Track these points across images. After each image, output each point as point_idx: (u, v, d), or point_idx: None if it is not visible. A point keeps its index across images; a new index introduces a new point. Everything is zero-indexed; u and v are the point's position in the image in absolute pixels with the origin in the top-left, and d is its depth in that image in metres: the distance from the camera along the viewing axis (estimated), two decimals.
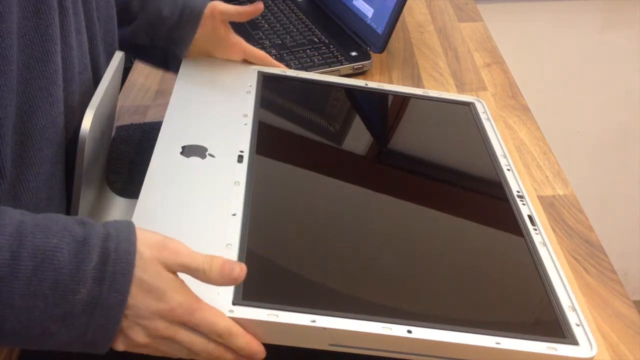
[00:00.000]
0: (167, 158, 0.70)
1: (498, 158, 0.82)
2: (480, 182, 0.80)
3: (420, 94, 0.94)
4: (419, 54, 1.16)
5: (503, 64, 1.15)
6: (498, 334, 0.59)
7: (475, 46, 1.20)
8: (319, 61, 1.07)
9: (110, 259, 0.51)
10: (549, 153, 0.93)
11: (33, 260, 0.49)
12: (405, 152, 0.85)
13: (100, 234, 0.52)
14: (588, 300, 0.72)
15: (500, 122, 0.99)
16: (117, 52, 0.74)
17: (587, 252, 0.78)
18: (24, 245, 0.49)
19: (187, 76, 0.85)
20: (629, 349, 0.67)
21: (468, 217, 0.74)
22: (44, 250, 0.50)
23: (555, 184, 0.88)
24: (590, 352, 0.59)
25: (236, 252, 0.61)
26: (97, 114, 0.65)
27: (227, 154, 0.72)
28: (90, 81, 0.70)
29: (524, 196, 0.77)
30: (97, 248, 0.51)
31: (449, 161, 0.84)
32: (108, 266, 0.51)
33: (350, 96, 0.94)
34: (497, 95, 1.06)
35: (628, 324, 0.70)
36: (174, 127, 0.75)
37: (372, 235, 0.70)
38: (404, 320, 0.58)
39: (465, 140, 0.86)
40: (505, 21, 1.59)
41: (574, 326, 0.61)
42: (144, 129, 0.93)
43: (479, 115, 0.91)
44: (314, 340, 0.57)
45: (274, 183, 0.74)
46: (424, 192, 0.78)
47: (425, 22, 1.27)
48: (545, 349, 0.58)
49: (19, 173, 0.60)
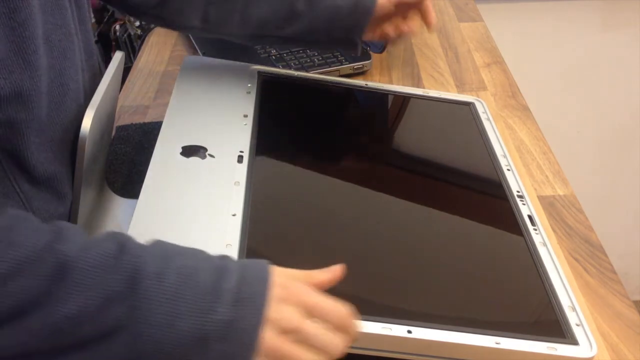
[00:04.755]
0: (167, 158, 0.70)
1: (498, 158, 0.82)
2: (480, 182, 0.80)
3: (420, 94, 0.94)
4: (419, 54, 1.16)
5: (503, 64, 1.15)
6: (498, 334, 0.59)
7: (475, 46, 1.20)
8: (319, 61, 1.07)
9: (246, 284, 0.50)
10: (549, 153, 0.93)
11: (178, 276, 0.49)
12: (405, 152, 0.85)
13: (237, 262, 0.52)
14: (588, 300, 0.72)
15: (500, 122, 0.99)
16: (117, 52, 0.74)
17: (587, 252, 0.78)
18: (170, 262, 0.50)
19: (187, 76, 0.85)
20: (629, 349, 0.67)
21: (468, 217, 0.74)
22: (195, 268, 0.50)
23: (555, 184, 0.88)
24: (590, 352, 0.59)
25: (236, 252, 0.61)
26: (97, 114, 0.65)
27: (227, 154, 0.72)
28: (97, 71, 0.71)
29: (524, 196, 0.77)
30: (234, 274, 0.51)
31: (449, 161, 0.83)
32: (244, 291, 0.50)
33: (350, 96, 0.94)
34: (497, 95, 1.06)
35: (628, 324, 0.70)
36: (174, 127, 0.75)
37: (372, 235, 0.70)
38: (404, 320, 0.58)
39: (465, 140, 0.86)
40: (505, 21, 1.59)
41: (574, 326, 0.61)
42: (144, 129, 0.93)
43: (479, 115, 0.91)
44: None
45: (274, 183, 0.74)
46: (424, 192, 0.78)
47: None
48: (545, 349, 0.58)
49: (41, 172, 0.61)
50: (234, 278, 0.50)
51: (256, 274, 0.52)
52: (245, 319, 0.49)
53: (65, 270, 0.47)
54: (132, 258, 0.49)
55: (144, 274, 0.48)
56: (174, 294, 0.48)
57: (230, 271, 0.51)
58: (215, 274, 0.50)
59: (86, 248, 0.49)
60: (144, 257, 0.50)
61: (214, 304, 0.49)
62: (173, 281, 0.49)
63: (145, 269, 0.49)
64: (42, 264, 0.47)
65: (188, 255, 0.52)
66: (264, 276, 0.51)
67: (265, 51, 1.10)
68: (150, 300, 0.48)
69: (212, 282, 0.50)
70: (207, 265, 0.51)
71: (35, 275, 0.47)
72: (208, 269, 0.51)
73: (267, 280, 0.51)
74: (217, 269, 0.51)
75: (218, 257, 0.53)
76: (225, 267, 0.51)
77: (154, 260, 0.50)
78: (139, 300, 0.48)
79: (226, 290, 0.49)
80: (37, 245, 0.48)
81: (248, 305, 0.49)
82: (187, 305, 0.48)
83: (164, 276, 0.49)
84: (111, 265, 0.48)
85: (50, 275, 0.47)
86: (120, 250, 0.50)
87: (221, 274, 0.50)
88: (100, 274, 0.48)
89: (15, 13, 0.53)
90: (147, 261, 0.49)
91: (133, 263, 0.49)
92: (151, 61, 1.14)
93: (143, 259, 0.49)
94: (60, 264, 0.47)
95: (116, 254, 0.49)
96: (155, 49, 1.18)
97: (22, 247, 0.47)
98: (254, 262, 0.53)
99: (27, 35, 0.55)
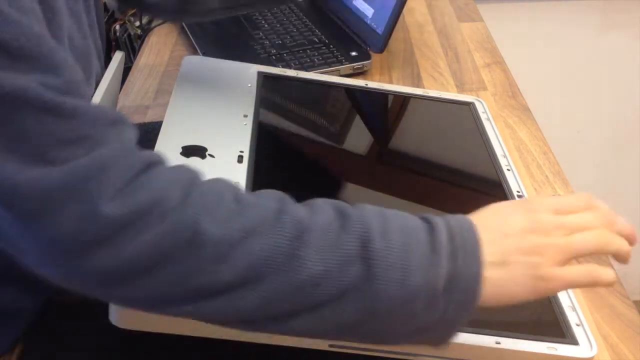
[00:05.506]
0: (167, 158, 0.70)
1: (498, 158, 0.82)
2: (480, 182, 0.80)
3: (420, 94, 0.94)
4: (419, 54, 1.16)
5: (503, 64, 1.15)
6: (498, 334, 0.59)
7: (475, 46, 1.20)
8: (319, 61, 1.07)
9: (455, 232, 0.51)
10: (549, 153, 0.93)
11: (400, 235, 0.50)
12: (405, 152, 0.85)
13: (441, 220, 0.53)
14: (588, 300, 0.72)
15: (500, 122, 0.99)
16: (117, 52, 0.74)
17: None
18: (389, 222, 0.51)
19: (187, 76, 0.85)
20: (629, 349, 0.67)
21: None
22: (410, 227, 0.51)
23: (555, 184, 0.88)
24: (590, 352, 0.59)
25: None
26: None
27: (227, 154, 0.72)
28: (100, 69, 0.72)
29: (524, 196, 0.77)
30: (442, 227, 0.52)
31: (449, 161, 0.83)
32: (456, 239, 0.51)
33: (350, 96, 0.94)
34: (497, 95, 1.06)
35: (628, 324, 0.70)
36: (174, 127, 0.75)
37: None
38: None
39: (465, 140, 0.86)
40: (505, 21, 1.59)
41: (574, 326, 0.61)
42: (144, 129, 0.93)
43: (479, 115, 0.91)
44: (315, 340, 0.57)
45: (274, 183, 0.74)
46: (425, 192, 0.78)
47: (425, 22, 1.27)
48: (545, 348, 0.58)
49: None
50: (443, 231, 0.51)
51: (460, 224, 0.53)
52: (465, 267, 0.50)
53: (303, 232, 0.49)
54: (358, 218, 0.50)
55: (374, 233, 0.49)
56: (402, 251, 0.49)
57: (438, 225, 0.52)
58: (427, 229, 0.51)
59: (311, 212, 0.51)
60: (367, 215, 0.51)
61: (435, 257, 0.50)
62: (398, 239, 0.50)
63: (373, 228, 0.50)
64: (283, 225, 0.49)
65: (397, 213, 0.53)
66: (467, 224, 0.52)
67: (265, 51, 1.10)
68: (383, 257, 0.49)
69: (428, 237, 0.51)
70: (416, 222, 0.52)
71: (277, 235, 0.48)
72: (419, 226, 0.52)
73: (472, 227, 0.52)
74: (426, 225, 0.52)
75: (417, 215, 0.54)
76: (431, 221, 0.52)
77: (376, 219, 0.51)
78: (373, 259, 0.48)
79: (441, 243, 0.50)
80: (272, 206, 0.50)
81: (464, 254, 0.50)
82: (416, 260, 0.49)
83: (389, 235, 0.50)
84: (341, 226, 0.50)
85: (291, 236, 0.48)
86: (339, 212, 0.51)
87: (431, 229, 0.52)
88: (332, 236, 0.49)
89: (51, 14, 0.53)
90: (372, 220, 0.50)
91: (360, 223, 0.50)
92: (151, 61, 1.14)
93: (367, 218, 0.50)
94: (297, 226, 0.49)
95: (337, 215, 0.50)
96: (155, 49, 1.18)
97: (260, 207, 0.49)
98: (455, 216, 0.54)
99: (61, 36, 0.55)
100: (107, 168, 0.46)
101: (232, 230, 0.47)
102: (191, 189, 0.49)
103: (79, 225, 0.45)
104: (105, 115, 0.49)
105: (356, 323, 0.49)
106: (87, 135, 0.47)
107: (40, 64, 0.46)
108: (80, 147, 0.46)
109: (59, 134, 0.46)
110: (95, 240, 0.45)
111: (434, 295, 0.49)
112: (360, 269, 0.48)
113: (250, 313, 0.49)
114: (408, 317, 0.49)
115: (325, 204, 0.52)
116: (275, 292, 0.48)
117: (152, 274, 0.46)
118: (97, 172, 0.46)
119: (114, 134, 0.49)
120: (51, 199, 0.45)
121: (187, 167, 0.51)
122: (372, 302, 0.48)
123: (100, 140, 0.47)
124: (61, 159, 0.45)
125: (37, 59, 0.46)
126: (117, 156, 0.47)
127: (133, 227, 0.46)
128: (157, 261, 0.46)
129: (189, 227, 0.47)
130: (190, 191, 0.48)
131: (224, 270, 0.47)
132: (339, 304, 0.48)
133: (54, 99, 0.45)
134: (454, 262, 0.50)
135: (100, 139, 0.47)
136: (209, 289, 0.47)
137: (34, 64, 0.46)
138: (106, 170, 0.46)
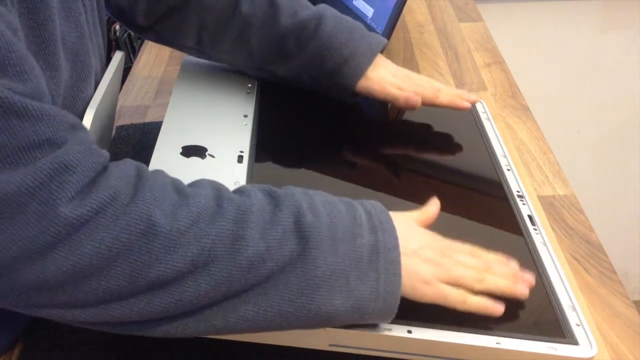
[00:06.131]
0: (167, 158, 0.70)
1: (498, 158, 0.82)
2: (480, 182, 0.80)
3: None
4: (419, 54, 1.16)
5: (503, 64, 1.15)
6: (498, 334, 0.59)
7: (475, 46, 1.20)
8: None
9: (372, 213, 0.57)
10: (549, 153, 0.93)
11: (325, 208, 0.55)
12: (405, 152, 0.85)
13: (355, 200, 0.58)
14: (588, 300, 0.72)
15: (500, 122, 0.99)
16: (117, 52, 0.74)
17: (587, 252, 0.78)
18: (314, 199, 0.56)
19: (187, 76, 0.85)
20: (629, 349, 0.67)
21: (468, 217, 0.74)
22: (330, 202, 0.56)
23: (555, 184, 0.88)
24: (590, 352, 0.59)
25: None
26: (97, 114, 0.65)
27: (227, 154, 0.72)
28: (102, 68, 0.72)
29: (524, 196, 0.77)
30: (359, 207, 0.57)
31: (449, 161, 0.84)
32: (374, 218, 0.56)
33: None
34: (497, 95, 1.06)
35: (628, 324, 0.70)
36: (174, 127, 0.75)
37: None
38: (404, 321, 0.58)
39: (465, 140, 0.86)
40: (505, 21, 1.59)
41: (574, 326, 0.61)
42: (144, 129, 0.93)
43: (479, 115, 0.91)
44: (314, 340, 0.57)
45: (274, 183, 0.73)
46: (424, 192, 0.78)
47: (425, 22, 1.27)
48: (545, 348, 0.58)
49: None
50: (360, 209, 0.57)
51: (375, 206, 0.58)
52: (385, 241, 0.55)
53: (244, 214, 0.52)
54: (287, 197, 0.55)
55: (303, 209, 0.54)
56: (330, 223, 0.54)
57: (355, 203, 0.57)
58: (347, 205, 0.57)
59: (245, 195, 0.55)
60: (294, 195, 0.55)
61: (358, 229, 0.55)
62: (325, 212, 0.54)
63: (302, 204, 0.54)
64: (225, 210, 0.52)
65: (318, 192, 0.57)
66: (381, 207, 0.58)
67: None
68: (314, 229, 0.53)
69: (350, 212, 0.56)
70: (338, 199, 0.57)
71: (221, 219, 0.51)
72: (341, 202, 0.57)
73: (386, 210, 0.58)
74: (346, 202, 0.57)
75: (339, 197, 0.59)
76: (349, 200, 0.58)
77: (303, 196, 0.55)
78: (305, 231, 0.52)
79: (362, 218, 0.56)
80: (210, 194, 0.53)
81: (383, 230, 0.55)
82: (342, 231, 0.54)
83: (317, 209, 0.54)
84: (274, 206, 0.54)
85: (233, 219, 0.51)
86: (269, 194, 0.55)
87: (350, 205, 0.57)
88: (268, 215, 0.53)
89: (33, 13, 0.54)
90: (300, 198, 0.55)
91: (290, 201, 0.54)
92: (151, 61, 1.14)
93: (296, 197, 0.55)
94: (236, 209, 0.52)
95: (269, 197, 0.55)
96: (155, 49, 1.18)
97: (200, 196, 0.52)
98: (367, 201, 0.59)
99: (47, 36, 0.55)
100: (68, 170, 0.47)
101: (179, 219, 0.50)
102: (139, 184, 0.51)
103: (39, 225, 0.46)
104: (66, 118, 0.50)
105: (299, 296, 0.52)
106: (50, 138, 0.48)
107: (7, 70, 0.47)
108: (43, 149, 0.47)
109: (23, 137, 0.46)
110: (53, 240, 0.46)
111: (360, 263, 0.53)
112: (296, 242, 0.52)
113: (200, 300, 0.50)
114: (344, 285, 0.53)
115: (255, 188, 0.56)
116: (225, 274, 0.50)
117: (108, 270, 0.48)
118: (58, 173, 0.47)
119: (74, 137, 0.50)
120: (14, 201, 0.45)
121: (131, 162, 0.53)
122: (311, 270, 0.52)
123: (62, 142, 0.48)
124: (24, 161, 0.46)
125: (4, 65, 0.47)
126: (78, 159, 0.48)
127: (90, 226, 0.47)
128: (115, 257, 0.47)
129: (143, 221, 0.48)
130: (139, 186, 0.50)
131: (176, 258, 0.49)
132: (281, 278, 0.51)
133: (20, 101, 0.46)
134: (374, 236, 0.55)
135: (62, 141, 0.48)
136: (163, 279, 0.49)
137: (1, 70, 0.46)
138: (67, 171, 0.47)
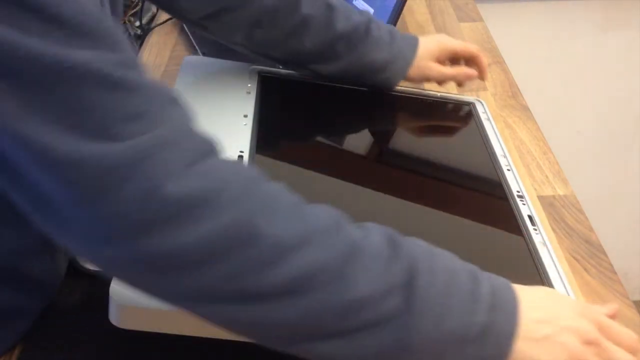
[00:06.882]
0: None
1: (498, 158, 0.82)
2: (480, 182, 0.80)
3: (420, 94, 0.94)
4: None
5: (503, 64, 1.15)
6: None
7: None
8: None
9: (497, 291, 0.52)
10: (549, 153, 0.93)
11: (444, 275, 0.50)
12: (405, 152, 0.85)
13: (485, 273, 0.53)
14: (588, 300, 0.72)
15: (500, 122, 0.99)
16: None
17: (587, 252, 0.78)
18: (435, 260, 0.51)
19: (187, 76, 0.85)
20: None
21: (468, 217, 0.74)
22: (452, 269, 0.51)
23: (555, 184, 0.88)
24: None
25: None
26: None
27: (227, 154, 0.72)
28: None
29: (524, 196, 0.77)
30: (485, 280, 0.52)
31: (449, 161, 0.83)
32: (497, 297, 0.51)
33: (350, 96, 0.94)
34: (497, 95, 1.06)
35: (628, 324, 0.70)
36: None
37: None
38: None
39: (465, 140, 0.86)
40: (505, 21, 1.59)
41: None
42: None
43: (479, 115, 0.91)
44: None
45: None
46: (425, 192, 0.78)
47: (425, 22, 1.27)
48: None
49: None
50: (486, 284, 0.51)
51: (503, 283, 0.53)
52: (501, 324, 0.50)
53: (356, 252, 0.48)
54: (408, 250, 0.50)
55: (420, 268, 0.49)
56: (445, 292, 0.49)
57: (482, 277, 0.52)
58: (471, 277, 0.51)
59: (364, 233, 0.50)
60: (416, 249, 0.51)
61: (475, 305, 0.50)
62: (442, 279, 0.49)
63: (420, 263, 0.49)
64: (339, 240, 0.48)
65: (445, 254, 0.52)
66: (509, 285, 0.53)
67: None
68: (426, 294, 0.48)
69: (471, 285, 0.50)
70: (462, 267, 0.52)
71: (332, 249, 0.47)
72: (465, 271, 0.52)
73: (513, 290, 0.53)
74: (471, 273, 0.52)
75: (464, 262, 0.53)
76: (476, 271, 0.52)
77: (424, 255, 0.51)
78: (415, 293, 0.48)
79: (483, 294, 0.50)
80: (330, 218, 0.49)
81: (503, 311, 0.50)
82: (456, 304, 0.49)
83: (435, 273, 0.49)
84: (390, 255, 0.49)
85: (344, 253, 0.47)
86: (390, 240, 0.50)
87: (475, 277, 0.51)
88: (383, 262, 0.48)
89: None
90: (420, 255, 0.50)
91: (410, 255, 0.50)
92: (151, 61, 1.14)
93: (417, 252, 0.50)
94: (351, 244, 0.48)
95: (389, 243, 0.50)
96: (155, 49, 1.18)
97: (319, 217, 0.49)
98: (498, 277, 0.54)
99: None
100: (168, 147, 0.45)
101: (289, 234, 0.46)
102: (250, 185, 0.48)
103: (140, 203, 0.44)
104: (164, 92, 0.48)
105: (381, 354, 0.48)
106: (147, 111, 0.46)
107: (100, 40, 0.45)
108: (141, 123, 0.45)
109: (121, 109, 0.44)
110: (154, 220, 0.44)
111: (463, 342, 0.49)
112: (401, 300, 0.48)
113: (281, 327, 0.47)
114: (434, 357, 0.49)
115: (378, 228, 0.51)
116: (315, 308, 0.47)
117: (203, 267, 0.45)
118: (159, 150, 0.45)
119: (172, 113, 0.48)
120: (114, 175, 0.43)
121: (246, 164, 0.50)
122: (406, 335, 0.48)
123: (160, 118, 0.46)
124: (123, 135, 0.44)
125: (97, 35, 0.45)
126: (178, 137, 0.46)
127: (192, 213, 0.44)
128: (211, 254, 0.45)
129: (247, 224, 0.46)
130: (249, 187, 0.48)
131: (275, 274, 0.46)
132: (372, 332, 0.48)
133: (115, 73, 0.45)
134: (492, 316, 0.50)
135: (161, 117, 0.46)
136: (255, 292, 0.46)
137: (95, 40, 0.45)
138: (168, 149, 0.45)
